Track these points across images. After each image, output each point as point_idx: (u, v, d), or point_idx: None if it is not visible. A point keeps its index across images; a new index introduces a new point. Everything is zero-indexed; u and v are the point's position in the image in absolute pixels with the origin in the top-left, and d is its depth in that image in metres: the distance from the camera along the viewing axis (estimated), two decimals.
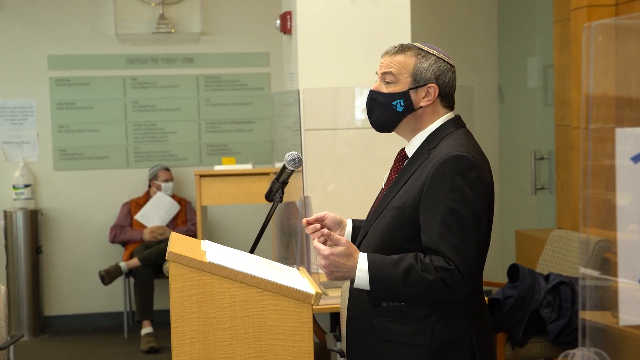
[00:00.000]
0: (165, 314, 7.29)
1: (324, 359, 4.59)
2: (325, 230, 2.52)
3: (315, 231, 2.68)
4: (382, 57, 2.67)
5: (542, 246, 5.41)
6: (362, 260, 2.46)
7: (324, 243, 2.54)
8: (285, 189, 2.79)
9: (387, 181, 2.71)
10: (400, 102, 2.61)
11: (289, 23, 5.08)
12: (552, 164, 6.40)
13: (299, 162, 2.73)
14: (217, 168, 5.99)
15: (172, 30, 7.31)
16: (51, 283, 7.30)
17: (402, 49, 2.63)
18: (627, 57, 1.85)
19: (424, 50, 2.62)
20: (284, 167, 2.74)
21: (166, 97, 7.43)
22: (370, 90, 2.67)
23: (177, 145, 7.46)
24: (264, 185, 5.73)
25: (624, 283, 1.83)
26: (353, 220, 2.83)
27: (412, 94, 2.60)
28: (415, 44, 2.65)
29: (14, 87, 7.25)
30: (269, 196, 2.76)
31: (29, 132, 7.28)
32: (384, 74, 2.64)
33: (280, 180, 2.74)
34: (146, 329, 6.69)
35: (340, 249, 2.47)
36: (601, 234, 2.19)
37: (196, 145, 7.49)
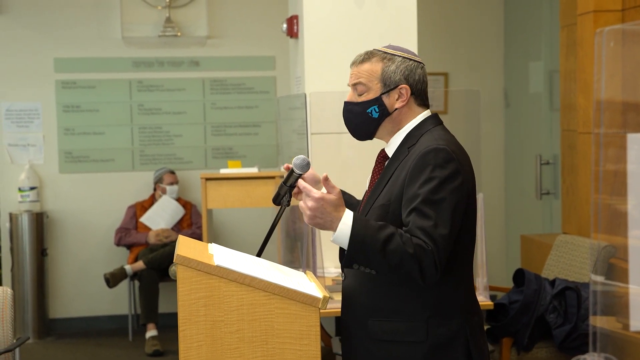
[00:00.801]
0: (170, 317, 7.32)
1: None
2: (325, 174, 2.51)
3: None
4: (350, 67, 2.69)
5: (547, 251, 5.40)
6: (348, 215, 2.46)
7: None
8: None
9: (370, 183, 2.74)
10: (374, 109, 2.64)
11: (295, 27, 5.08)
12: (558, 168, 6.39)
13: (307, 166, 2.73)
14: (223, 171, 5.99)
15: (179, 34, 7.32)
16: (56, 286, 7.30)
17: (367, 56, 2.66)
18: (635, 63, 1.85)
19: (388, 53, 2.65)
20: (291, 171, 2.74)
21: (172, 100, 7.44)
22: (345, 102, 2.71)
23: (182, 149, 7.46)
24: (270, 188, 5.73)
25: (634, 289, 1.83)
26: (342, 192, 2.83)
27: (384, 98, 2.63)
28: (380, 48, 2.68)
29: (20, 89, 7.26)
30: (277, 200, 2.76)
31: (35, 134, 7.29)
32: (354, 85, 2.67)
33: (288, 184, 2.74)
34: (151, 332, 6.69)
35: (331, 196, 2.46)
36: (609, 239, 2.18)
37: (202, 149, 7.49)
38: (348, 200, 2.84)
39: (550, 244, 5.40)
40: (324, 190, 2.52)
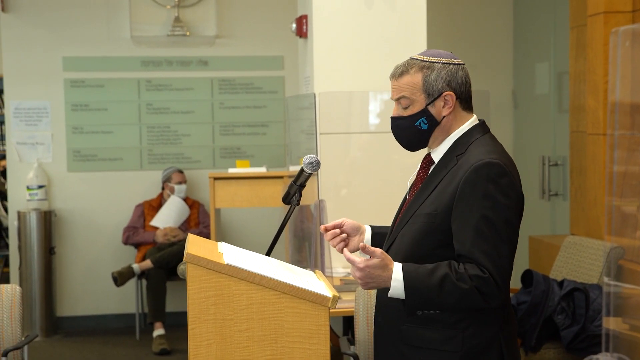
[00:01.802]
0: (177, 316, 7.32)
1: None
2: (362, 243, 2.51)
3: (334, 237, 2.69)
4: (390, 81, 2.65)
5: (555, 252, 5.39)
6: (397, 270, 2.47)
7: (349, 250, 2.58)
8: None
9: (412, 187, 2.70)
10: (422, 121, 2.60)
11: (304, 27, 5.08)
12: (566, 170, 6.38)
13: (317, 165, 2.73)
14: (231, 171, 5.99)
15: (187, 33, 7.32)
16: (64, 284, 7.32)
17: (405, 68, 2.61)
18: None
19: (426, 61, 2.60)
20: (301, 170, 2.74)
21: (180, 99, 7.44)
22: (392, 117, 2.66)
23: (190, 148, 7.47)
24: (278, 188, 5.73)
25: None
26: (372, 227, 2.82)
27: (430, 109, 2.59)
28: (416, 56, 2.63)
29: (29, 88, 7.28)
30: (287, 199, 2.76)
31: (44, 133, 7.31)
32: (398, 99, 2.63)
33: (298, 183, 2.74)
34: (158, 331, 6.70)
35: (375, 260, 2.47)
36: (619, 241, 2.18)
37: (210, 148, 7.50)
38: (385, 233, 2.78)
39: (558, 245, 5.39)
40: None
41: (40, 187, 7.13)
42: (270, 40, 7.44)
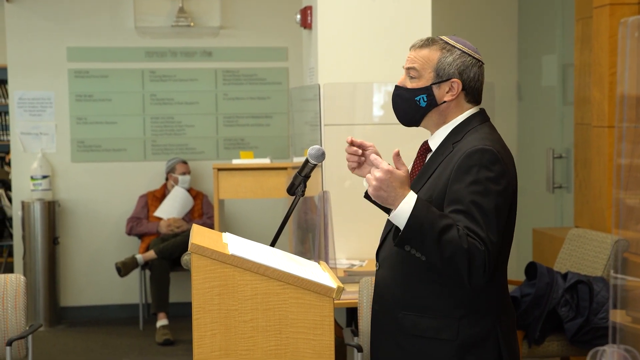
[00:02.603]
0: (181, 306, 7.33)
1: (341, 354, 4.59)
2: (396, 150, 2.47)
3: (354, 154, 2.68)
4: (409, 50, 2.65)
5: (559, 245, 5.39)
6: (411, 195, 2.42)
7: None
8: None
9: (410, 174, 2.70)
10: (423, 98, 2.60)
11: (309, 18, 5.07)
12: (571, 162, 6.37)
13: (322, 156, 2.73)
14: (235, 162, 5.99)
15: (191, 24, 7.32)
16: (67, 274, 7.33)
17: (427, 43, 2.62)
18: None
19: (449, 44, 2.61)
20: (306, 161, 2.73)
21: (184, 90, 7.44)
22: (396, 86, 2.66)
23: (194, 139, 7.47)
24: (282, 179, 5.73)
25: None
26: None
27: (434, 89, 2.59)
28: (443, 37, 2.64)
29: (33, 78, 7.28)
30: (291, 190, 2.76)
31: (48, 123, 7.31)
32: (408, 68, 2.63)
33: (303, 174, 2.73)
34: (161, 322, 6.71)
35: (400, 173, 2.43)
36: (625, 234, 2.17)
37: (213, 139, 7.49)
38: None
39: (562, 238, 5.39)
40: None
41: (44, 177, 7.14)
42: (275, 31, 7.43)
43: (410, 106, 2.63)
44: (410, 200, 2.41)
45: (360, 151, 2.69)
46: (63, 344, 6.64)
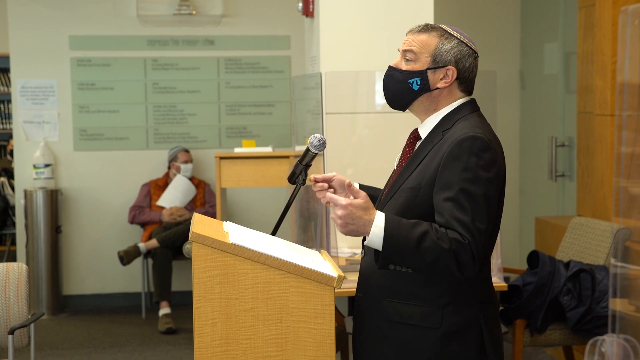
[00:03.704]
0: (183, 295, 7.34)
1: (342, 343, 4.59)
2: (348, 180, 2.50)
3: (321, 190, 2.69)
4: (406, 34, 2.65)
5: (562, 233, 5.38)
6: (379, 217, 2.44)
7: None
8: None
9: (399, 162, 2.71)
10: (416, 81, 2.60)
11: (311, 6, 5.06)
12: (573, 151, 6.36)
13: (323, 145, 2.72)
14: (237, 150, 5.99)
15: (194, 12, 7.30)
16: (70, 263, 7.34)
17: (426, 28, 2.62)
18: None
19: (448, 32, 2.61)
20: (307, 150, 2.73)
21: (186, 79, 7.43)
22: (389, 67, 2.66)
23: (196, 128, 7.46)
24: (284, 168, 5.73)
25: None
26: (361, 186, 2.81)
27: (429, 74, 2.59)
28: (442, 25, 2.64)
29: (36, 67, 7.27)
30: (292, 178, 2.75)
31: (50, 112, 7.30)
32: (405, 51, 2.63)
33: (304, 163, 2.73)
34: (164, 310, 6.72)
35: (359, 200, 2.44)
36: (627, 222, 2.17)
37: (216, 128, 7.49)
38: (373, 195, 2.79)
39: (564, 226, 5.39)
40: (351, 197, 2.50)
41: (46, 165, 7.14)
42: (277, 19, 7.42)
43: (401, 88, 2.62)
44: (379, 222, 2.43)
45: (326, 185, 2.70)
46: (66, 332, 6.65)
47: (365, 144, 4.90)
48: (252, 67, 7.48)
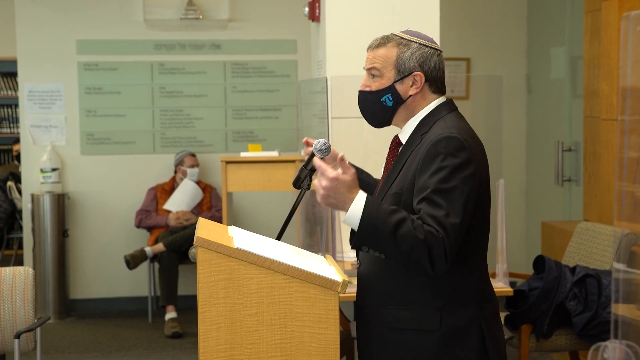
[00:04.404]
0: (189, 299, 7.34)
1: (348, 347, 4.59)
2: (341, 154, 2.50)
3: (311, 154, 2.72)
4: (366, 51, 2.67)
5: (568, 238, 5.37)
6: (360, 197, 2.44)
7: None
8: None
9: (384, 169, 2.72)
10: (388, 97, 2.62)
11: (317, 10, 5.06)
12: (579, 155, 6.35)
13: (327, 150, 2.73)
14: (244, 155, 5.99)
15: (200, 17, 7.32)
16: (77, 266, 7.35)
17: (383, 41, 2.63)
18: None
19: (405, 39, 2.62)
20: (312, 154, 2.73)
21: (193, 83, 7.44)
22: (360, 92, 2.68)
23: (203, 132, 7.47)
24: (290, 172, 5.73)
25: None
26: (356, 168, 2.84)
27: (398, 86, 2.61)
28: (397, 33, 2.65)
29: (43, 71, 7.29)
30: (297, 183, 2.76)
31: (57, 116, 7.32)
32: (369, 69, 2.65)
33: (309, 168, 2.73)
34: (170, 314, 6.73)
35: (346, 177, 2.44)
36: (631, 227, 2.16)
37: (222, 132, 7.50)
38: (365, 180, 2.83)
39: (571, 231, 5.38)
40: (340, 170, 2.50)
41: (53, 169, 7.15)
42: (283, 24, 7.43)
43: (377, 109, 2.65)
44: (359, 201, 2.43)
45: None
46: (72, 336, 6.67)
47: (372, 148, 4.90)
48: (258, 72, 7.49)
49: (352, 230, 2.49)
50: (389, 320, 2.57)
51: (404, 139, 2.66)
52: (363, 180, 2.82)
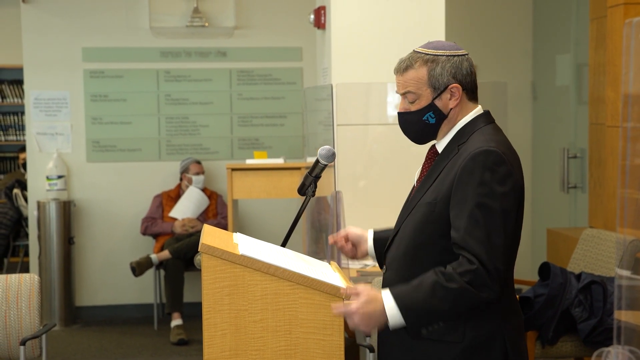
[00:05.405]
0: (195, 306, 7.34)
1: (353, 354, 4.59)
2: (343, 289, 2.46)
3: (343, 247, 2.82)
4: (395, 75, 2.64)
5: (573, 245, 5.37)
6: (387, 299, 2.44)
7: None
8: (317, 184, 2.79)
9: (418, 178, 2.70)
10: (430, 115, 2.59)
11: (323, 18, 5.08)
12: (585, 162, 6.35)
13: (332, 157, 2.73)
14: (249, 162, 6.00)
15: (206, 24, 7.33)
16: (83, 274, 7.36)
17: (409, 63, 2.59)
18: None
19: (430, 54, 2.58)
20: (317, 161, 2.74)
21: (199, 90, 7.46)
22: (399, 113, 2.65)
23: (209, 139, 7.48)
24: (295, 179, 5.74)
25: None
26: (375, 232, 2.84)
27: (437, 102, 2.58)
28: (419, 49, 2.61)
29: (49, 78, 7.31)
30: (302, 190, 2.76)
31: (63, 123, 7.34)
32: (404, 94, 2.62)
33: (313, 175, 2.74)
34: (176, 321, 6.73)
35: (362, 297, 2.44)
36: (635, 234, 2.16)
37: (228, 139, 7.51)
38: (384, 237, 2.78)
39: (576, 238, 5.37)
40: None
41: (59, 177, 7.17)
42: (289, 31, 7.44)
43: (421, 127, 2.62)
44: (389, 303, 2.43)
45: (344, 242, 2.83)
46: (78, 343, 6.67)
47: (377, 156, 4.91)
48: (264, 79, 7.50)
49: (403, 327, 2.49)
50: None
51: (440, 148, 2.64)
52: (383, 238, 2.79)
